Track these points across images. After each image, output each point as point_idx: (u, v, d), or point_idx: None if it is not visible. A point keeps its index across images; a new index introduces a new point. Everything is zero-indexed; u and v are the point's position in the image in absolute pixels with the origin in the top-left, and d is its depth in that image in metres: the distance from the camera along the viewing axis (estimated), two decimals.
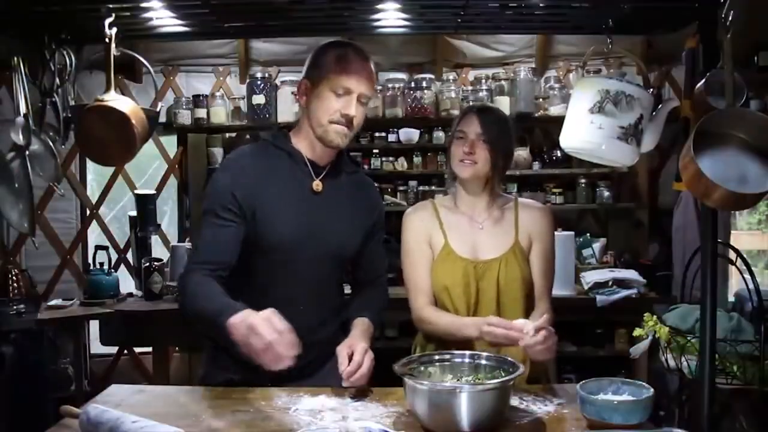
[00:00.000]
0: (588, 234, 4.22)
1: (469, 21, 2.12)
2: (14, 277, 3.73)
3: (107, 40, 1.97)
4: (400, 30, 2.25)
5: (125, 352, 4.28)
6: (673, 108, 2.03)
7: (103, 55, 2.11)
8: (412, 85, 4.21)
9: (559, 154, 4.15)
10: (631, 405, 1.45)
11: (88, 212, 4.29)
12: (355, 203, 1.90)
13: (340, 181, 1.88)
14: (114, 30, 1.96)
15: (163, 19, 2.00)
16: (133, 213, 4.04)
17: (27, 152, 2.44)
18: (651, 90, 2.02)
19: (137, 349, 4.25)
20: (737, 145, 1.62)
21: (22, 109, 2.39)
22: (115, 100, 2.09)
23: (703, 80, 1.80)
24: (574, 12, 2.01)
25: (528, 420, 1.55)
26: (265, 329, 1.47)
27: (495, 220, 1.99)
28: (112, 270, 3.95)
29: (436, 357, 1.67)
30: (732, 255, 2.43)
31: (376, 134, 4.28)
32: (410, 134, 4.22)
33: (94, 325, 3.93)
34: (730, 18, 1.57)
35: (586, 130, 1.82)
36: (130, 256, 4.21)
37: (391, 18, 2.05)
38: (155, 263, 3.76)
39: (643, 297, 3.74)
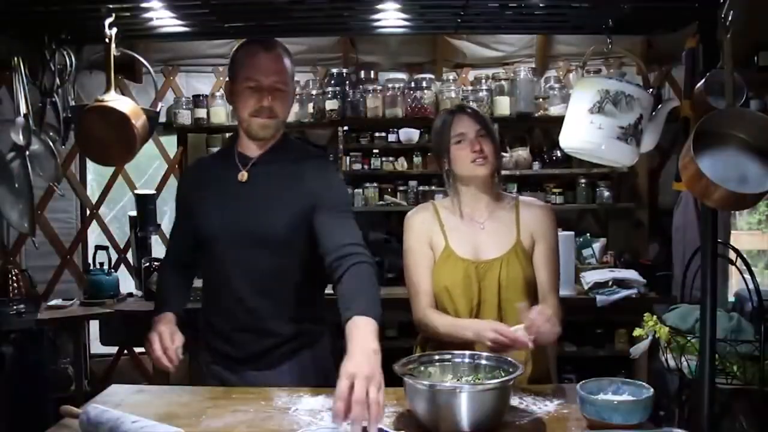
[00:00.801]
0: (588, 234, 4.22)
1: (469, 21, 2.11)
2: (14, 277, 3.73)
3: (107, 40, 1.97)
4: (400, 30, 2.24)
5: (125, 352, 4.28)
6: (673, 108, 2.02)
7: (103, 55, 2.11)
8: (412, 85, 4.20)
9: (559, 154, 4.14)
10: (631, 405, 1.45)
11: (88, 212, 4.29)
12: (291, 187, 1.86)
13: (273, 168, 1.89)
14: (114, 30, 1.95)
15: (163, 19, 2.00)
16: (133, 213, 4.05)
17: (27, 152, 2.43)
18: (651, 90, 2.02)
19: (137, 349, 4.25)
20: (737, 145, 1.62)
21: (22, 109, 2.39)
22: (115, 100, 2.09)
23: (703, 80, 1.79)
24: (574, 12, 2.00)
25: (528, 420, 1.56)
26: (156, 344, 1.76)
27: (496, 219, 1.99)
28: (112, 270, 3.96)
29: (436, 357, 1.67)
30: (732, 255, 2.43)
31: (376, 134, 4.27)
32: (410, 134, 4.22)
33: (94, 325, 3.94)
34: (730, 18, 1.57)
35: (585, 130, 1.82)
36: (130, 256, 4.21)
37: (391, 18, 2.05)
38: (155, 263, 3.76)
39: (643, 297, 3.74)
